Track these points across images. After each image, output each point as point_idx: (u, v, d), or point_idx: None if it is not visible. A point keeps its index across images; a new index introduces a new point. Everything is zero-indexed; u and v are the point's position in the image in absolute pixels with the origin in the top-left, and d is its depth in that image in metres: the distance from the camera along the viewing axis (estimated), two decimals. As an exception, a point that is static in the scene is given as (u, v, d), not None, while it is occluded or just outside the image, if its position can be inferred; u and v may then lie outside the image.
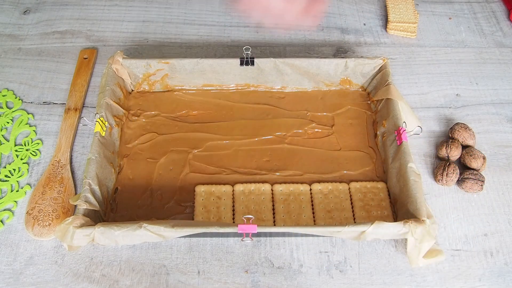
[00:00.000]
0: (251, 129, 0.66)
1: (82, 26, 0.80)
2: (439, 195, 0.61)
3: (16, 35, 0.79)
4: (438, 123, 0.68)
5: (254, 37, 0.79)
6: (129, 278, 0.53)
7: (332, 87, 0.70)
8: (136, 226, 0.49)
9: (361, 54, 0.77)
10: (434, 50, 0.78)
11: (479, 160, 0.61)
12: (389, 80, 0.64)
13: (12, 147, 0.64)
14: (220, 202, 0.58)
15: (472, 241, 0.57)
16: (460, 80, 0.74)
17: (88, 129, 0.66)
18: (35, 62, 0.75)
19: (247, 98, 0.69)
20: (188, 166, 0.62)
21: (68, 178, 0.60)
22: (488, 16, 0.84)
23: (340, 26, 0.82)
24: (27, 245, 0.56)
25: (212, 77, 0.68)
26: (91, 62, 0.74)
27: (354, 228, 0.50)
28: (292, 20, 0.53)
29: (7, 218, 0.58)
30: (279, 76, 0.68)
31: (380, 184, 0.60)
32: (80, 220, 0.50)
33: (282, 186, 0.59)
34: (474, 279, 0.54)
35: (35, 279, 0.53)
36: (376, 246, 0.56)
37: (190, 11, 0.84)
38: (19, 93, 0.71)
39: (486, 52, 0.78)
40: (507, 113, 0.70)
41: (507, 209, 0.60)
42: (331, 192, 0.59)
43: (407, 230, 0.50)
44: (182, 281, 0.53)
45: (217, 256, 0.55)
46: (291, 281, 0.54)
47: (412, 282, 0.54)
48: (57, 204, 0.58)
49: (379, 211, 0.57)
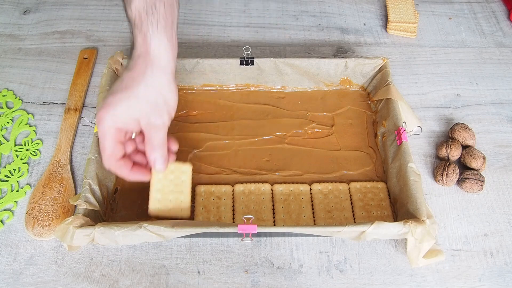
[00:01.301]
0: (251, 129, 0.66)
1: (82, 26, 0.80)
2: (439, 195, 0.61)
3: (16, 35, 0.79)
4: (438, 123, 0.68)
5: (254, 37, 0.79)
6: (129, 278, 0.53)
7: (332, 87, 0.70)
8: (136, 226, 0.49)
9: (361, 54, 0.77)
10: (434, 50, 0.78)
11: (479, 160, 0.61)
12: (389, 80, 0.64)
13: (12, 147, 0.64)
14: (220, 202, 0.58)
15: (472, 241, 0.57)
16: (460, 80, 0.74)
17: (88, 129, 0.66)
18: (35, 62, 0.75)
19: (247, 98, 0.69)
20: (188, 166, 0.62)
21: (68, 178, 0.60)
22: (488, 16, 0.84)
23: (340, 26, 0.82)
24: (27, 245, 0.56)
25: (212, 77, 0.68)
26: (91, 62, 0.74)
27: (354, 228, 0.50)
28: None
29: (7, 218, 0.58)
30: (279, 76, 0.68)
31: (380, 184, 0.60)
32: (80, 220, 0.50)
33: (282, 186, 0.59)
34: (474, 279, 0.54)
35: (35, 279, 0.53)
36: (376, 246, 0.56)
37: (190, 11, 0.84)
38: (19, 93, 0.71)
39: (486, 52, 0.78)
40: (507, 113, 0.70)
41: (507, 209, 0.60)
42: (331, 192, 0.59)
43: (407, 230, 0.50)
44: (182, 281, 0.53)
45: (217, 256, 0.55)
46: (291, 281, 0.54)
47: (412, 282, 0.54)
48: (57, 204, 0.58)
49: (379, 211, 0.57)
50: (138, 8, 0.51)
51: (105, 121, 0.49)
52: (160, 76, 0.51)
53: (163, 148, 0.53)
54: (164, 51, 0.51)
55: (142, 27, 0.51)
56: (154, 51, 0.51)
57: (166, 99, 0.52)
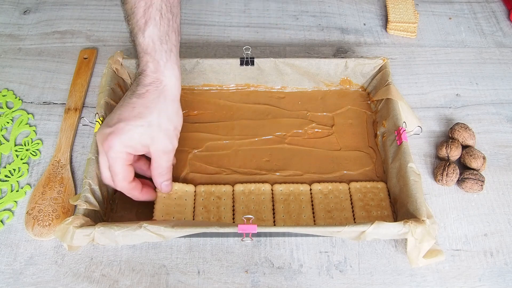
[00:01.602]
0: (251, 129, 0.66)
1: (82, 26, 0.80)
2: (439, 195, 0.61)
3: (16, 35, 0.79)
4: (438, 123, 0.68)
5: (254, 37, 0.80)
6: (129, 278, 0.53)
7: (332, 87, 0.70)
8: (136, 226, 0.49)
9: (361, 54, 0.77)
10: (434, 50, 0.78)
11: (479, 160, 0.61)
12: (389, 80, 0.64)
13: (12, 147, 0.64)
14: (220, 202, 0.58)
15: (472, 241, 0.57)
16: (460, 80, 0.74)
17: (88, 129, 0.66)
18: (35, 62, 0.75)
19: (247, 98, 0.69)
20: (188, 166, 0.62)
21: (68, 178, 0.60)
22: (488, 16, 0.84)
23: (340, 26, 0.82)
24: (27, 245, 0.56)
25: (212, 77, 0.68)
26: (91, 62, 0.74)
27: (354, 228, 0.49)
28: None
29: (7, 218, 0.58)
30: (279, 76, 0.68)
31: (380, 184, 0.60)
32: (80, 220, 0.50)
33: (282, 186, 0.59)
34: (474, 279, 0.54)
35: (35, 279, 0.53)
36: (376, 246, 0.56)
37: (190, 11, 0.84)
38: (19, 93, 0.71)
39: (486, 52, 0.78)
40: (507, 113, 0.70)
41: (507, 209, 0.60)
42: (331, 192, 0.59)
43: (407, 230, 0.50)
44: (182, 281, 0.53)
45: (217, 256, 0.55)
46: (291, 281, 0.54)
47: (412, 282, 0.54)
48: (57, 204, 0.58)
49: (379, 211, 0.57)
50: (152, 36, 0.52)
51: (116, 146, 0.50)
52: (172, 104, 0.54)
53: (170, 172, 0.56)
54: (175, 80, 0.54)
55: (155, 55, 0.52)
56: (166, 79, 0.53)
57: (176, 125, 0.54)
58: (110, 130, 0.50)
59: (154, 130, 0.51)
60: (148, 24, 0.52)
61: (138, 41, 0.53)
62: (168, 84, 0.53)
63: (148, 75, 0.53)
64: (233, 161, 0.63)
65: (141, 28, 0.52)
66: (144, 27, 0.52)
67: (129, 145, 0.51)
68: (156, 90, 0.52)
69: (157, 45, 0.52)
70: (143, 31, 0.52)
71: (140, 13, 0.52)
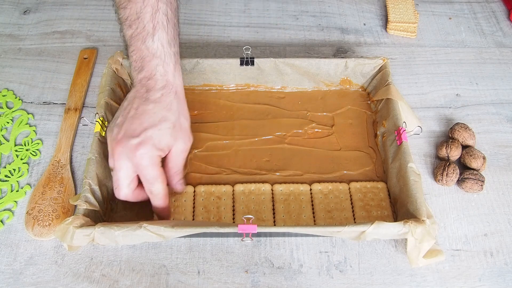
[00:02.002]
0: (251, 129, 0.66)
1: (82, 26, 0.80)
2: (439, 195, 0.61)
3: (16, 35, 0.79)
4: (438, 123, 0.68)
5: (254, 37, 0.80)
6: (129, 278, 0.53)
7: (332, 87, 0.70)
8: (136, 226, 0.49)
9: (361, 54, 0.77)
10: (434, 50, 0.78)
11: (479, 160, 0.61)
12: (389, 80, 0.64)
13: (12, 147, 0.64)
14: (220, 202, 0.58)
15: (472, 241, 0.57)
16: (460, 80, 0.74)
17: (88, 129, 0.66)
18: (35, 62, 0.75)
19: (247, 98, 0.69)
20: (188, 166, 0.62)
21: (68, 178, 0.60)
22: (488, 16, 0.84)
23: (340, 26, 0.82)
24: (27, 245, 0.56)
25: (212, 77, 0.68)
26: (91, 62, 0.74)
27: (354, 228, 0.49)
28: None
29: (7, 218, 0.58)
30: (279, 76, 0.68)
31: (380, 184, 0.60)
32: (80, 220, 0.50)
33: (282, 186, 0.59)
34: (474, 279, 0.54)
35: (35, 279, 0.53)
36: (376, 246, 0.56)
37: (190, 11, 0.84)
38: (19, 93, 0.71)
39: (486, 52, 0.78)
40: (507, 113, 0.70)
41: (507, 209, 0.60)
42: (331, 192, 0.59)
43: (407, 230, 0.50)
44: (182, 281, 0.53)
45: (217, 256, 0.55)
46: (291, 281, 0.54)
47: (412, 282, 0.54)
48: (57, 204, 0.58)
49: (379, 211, 0.57)
50: (161, 40, 0.54)
51: (149, 152, 0.51)
52: (184, 104, 0.57)
53: (184, 171, 0.58)
54: (180, 81, 0.56)
55: (165, 59, 0.54)
56: (176, 81, 0.55)
57: (189, 124, 0.57)
58: (139, 140, 0.50)
59: (177, 130, 0.53)
60: (157, 28, 0.54)
61: (146, 45, 0.54)
62: (178, 85, 0.55)
63: (158, 79, 0.54)
64: (233, 161, 0.63)
65: (150, 33, 0.54)
66: (153, 31, 0.54)
67: (160, 148, 0.52)
68: (170, 92, 0.54)
69: (166, 49, 0.54)
70: (152, 35, 0.54)
71: (147, 18, 0.54)
